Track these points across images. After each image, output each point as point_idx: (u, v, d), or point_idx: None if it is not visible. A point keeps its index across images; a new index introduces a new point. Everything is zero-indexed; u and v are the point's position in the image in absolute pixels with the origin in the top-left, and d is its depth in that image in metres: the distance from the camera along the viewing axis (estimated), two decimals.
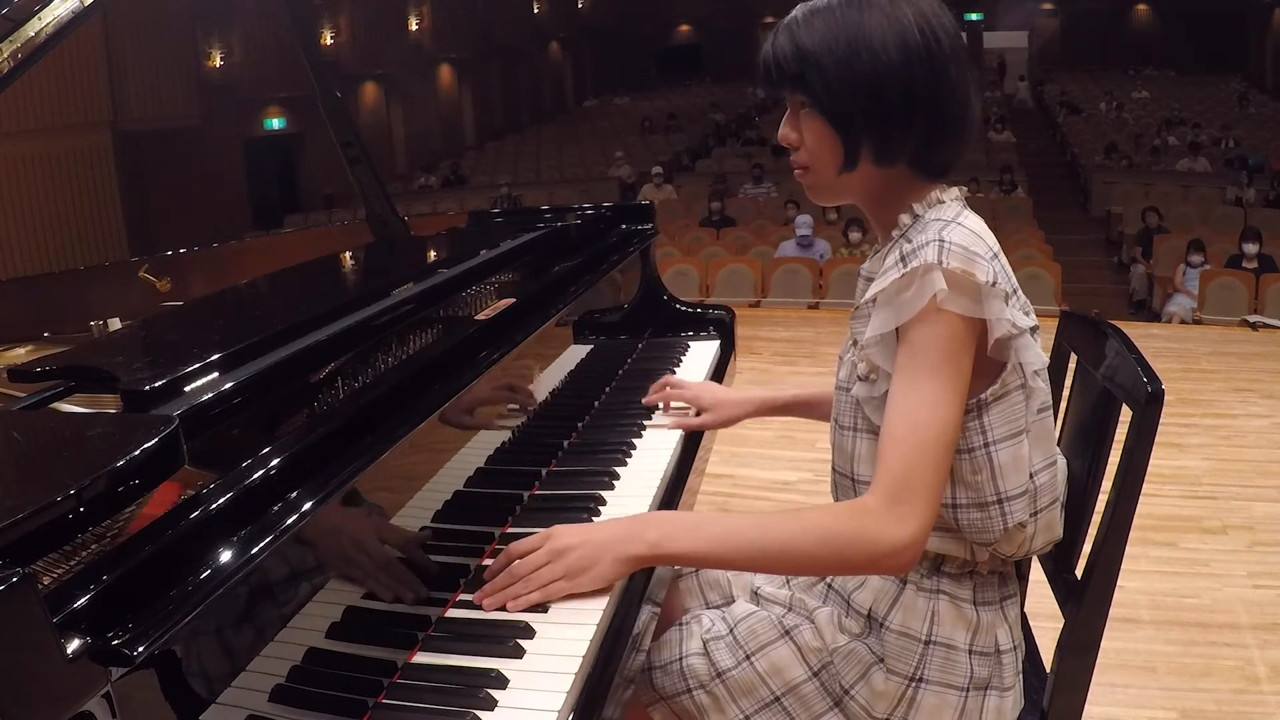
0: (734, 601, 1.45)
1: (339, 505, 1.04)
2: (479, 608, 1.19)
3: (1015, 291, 1.20)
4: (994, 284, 1.12)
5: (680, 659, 1.33)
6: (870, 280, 1.28)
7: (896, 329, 1.16)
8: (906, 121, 1.18)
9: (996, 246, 1.19)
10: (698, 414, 1.75)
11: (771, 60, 1.23)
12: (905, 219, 1.23)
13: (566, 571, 1.17)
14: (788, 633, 1.31)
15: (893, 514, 1.10)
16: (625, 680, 1.14)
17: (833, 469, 1.33)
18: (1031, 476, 1.22)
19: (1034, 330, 1.21)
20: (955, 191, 1.26)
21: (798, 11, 1.23)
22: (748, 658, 1.30)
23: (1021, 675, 1.30)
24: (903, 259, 1.15)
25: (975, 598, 1.25)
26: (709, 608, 1.45)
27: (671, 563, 1.24)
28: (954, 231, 1.15)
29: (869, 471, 1.23)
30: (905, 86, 1.16)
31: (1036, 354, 1.21)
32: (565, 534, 1.20)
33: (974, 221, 1.20)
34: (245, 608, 0.89)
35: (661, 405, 1.80)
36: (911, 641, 1.24)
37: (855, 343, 1.26)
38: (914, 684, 1.23)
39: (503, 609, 1.18)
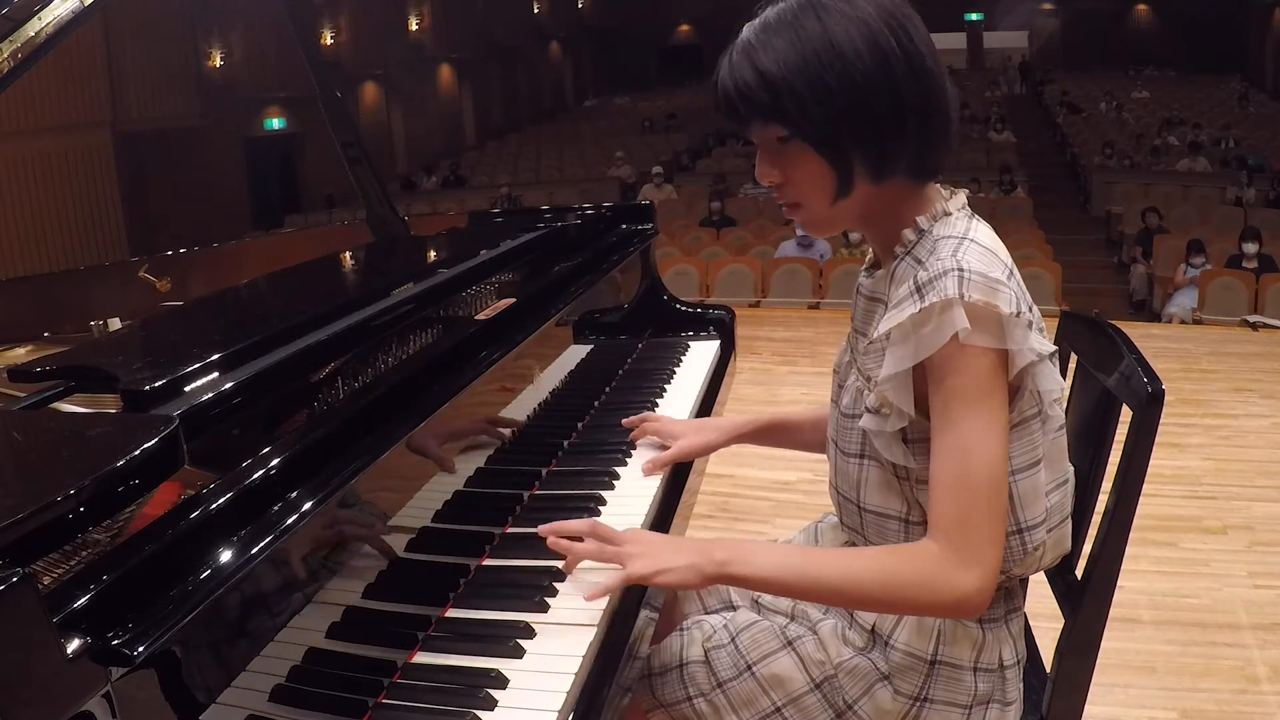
0: (734, 607, 1.43)
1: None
2: (479, 608, 1.19)
3: (1031, 309, 1.13)
4: (1018, 314, 1.06)
5: (680, 666, 1.32)
6: (872, 300, 1.23)
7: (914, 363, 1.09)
8: (897, 128, 1.08)
9: (1010, 260, 1.12)
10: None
11: (734, 92, 1.10)
12: (909, 235, 1.16)
13: (651, 561, 1.15)
14: (790, 643, 1.28)
15: (955, 560, 1.07)
16: (622, 686, 1.14)
17: (835, 489, 1.28)
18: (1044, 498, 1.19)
19: (1053, 355, 1.14)
20: (960, 199, 1.18)
21: (748, 33, 1.11)
22: (749, 667, 1.28)
23: (1022, 680, 1.29)
24: (918, 290, 1.07)
25: (981, 616, 1.22)
26: (708, 613, 1.44)
27: (735, 584, 1.24)
28: (970, 254, 1.07)
29: (878, 501, 1.21)
30: (889, 91, 1.06)
31: (1055, 379, 1.14)
32: (645, 534, 1.24)
33: (986, 235, 1.13)
34: (245, 608, 0.89)
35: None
36: (918, 661, 1.22)
37: (869, 379, 1.18)
38: (919, 703, 1.22)
39: (503, 610, 1.18)
